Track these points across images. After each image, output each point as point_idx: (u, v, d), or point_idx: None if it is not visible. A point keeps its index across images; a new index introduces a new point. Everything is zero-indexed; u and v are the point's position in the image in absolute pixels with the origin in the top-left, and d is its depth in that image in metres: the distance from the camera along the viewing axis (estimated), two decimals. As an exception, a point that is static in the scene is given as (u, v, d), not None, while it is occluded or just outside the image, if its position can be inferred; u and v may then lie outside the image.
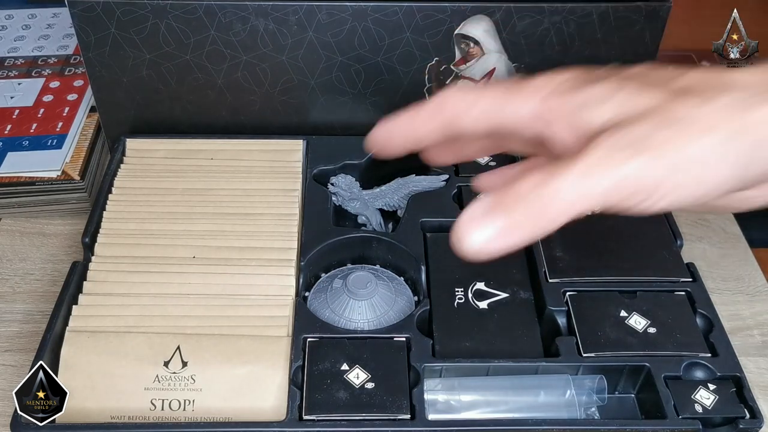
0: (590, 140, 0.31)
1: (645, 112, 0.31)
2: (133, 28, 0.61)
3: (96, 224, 0.57)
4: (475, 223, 0.32)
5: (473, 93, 0.36)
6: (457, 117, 0.36)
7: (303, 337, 0.51)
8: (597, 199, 0.31)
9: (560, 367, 0.50)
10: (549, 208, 0.31)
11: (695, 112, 0.31)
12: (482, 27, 0.62)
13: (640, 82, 0.33)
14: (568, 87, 0.34)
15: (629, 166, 0.30)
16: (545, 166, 0.31)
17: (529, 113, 0.34)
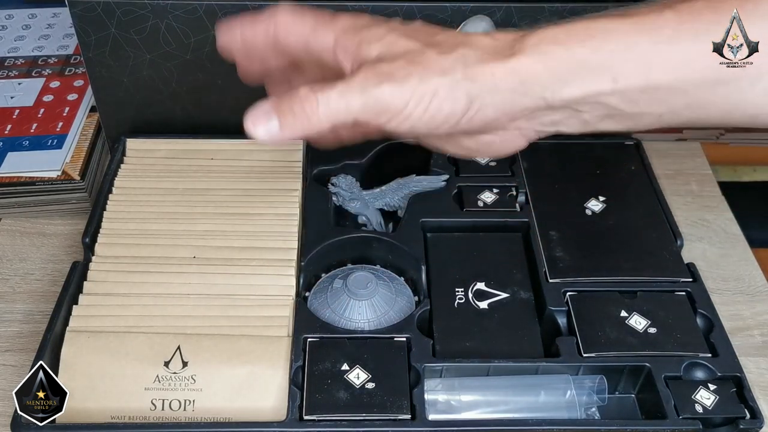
0: (357, 69, 0.41)
1: (401, 53, 0.41)
2: (134, 28, 0.61)
3: (96, 224, 0.57)
4: (258, 120, 0.41)
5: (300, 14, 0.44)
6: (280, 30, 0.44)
7: (303, 337, 0.51)
8: (352, 112, 0.40)
9: (560, 367, 0.50)
10: (313, 115, 0.40)
11: (436, 58, 0.40)
12: (482, 27, 0.62)
13: (408, 32, 0.42)
14: (359, 26, 0.43)
15: (378, 90, 0.40)
16: (318, 83, 0.40)
17: (330, 43, 0.43)
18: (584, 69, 0.40)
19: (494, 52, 0.40)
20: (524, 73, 0.40)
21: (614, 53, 0.40)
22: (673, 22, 0.39)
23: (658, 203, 0.61)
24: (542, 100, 0.41)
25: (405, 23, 0.44)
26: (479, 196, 0.61)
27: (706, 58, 0.39)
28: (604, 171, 0.64)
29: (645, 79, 0.40)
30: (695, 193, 0.72)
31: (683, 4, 0.40)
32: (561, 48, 0.40)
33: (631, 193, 0.62)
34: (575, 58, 0.40)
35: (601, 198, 0.61)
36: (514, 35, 0.41)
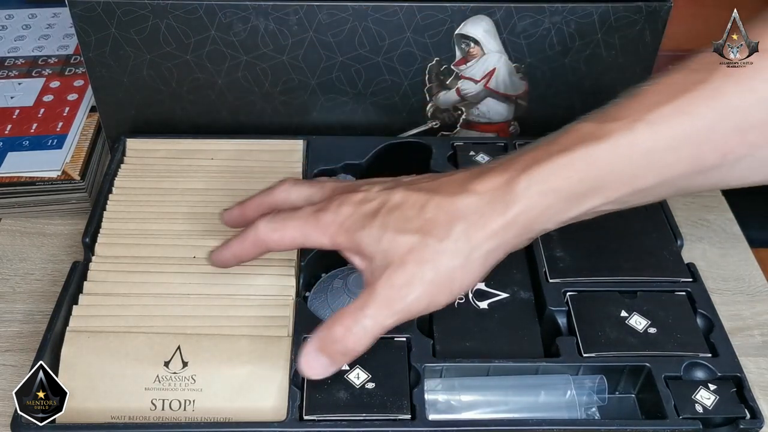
0: (372, 285, 0.43)
1: (405, 253, 0.43)
2: (134, 28, 0.61)
3: (96, 224, 0.57)
4: (311, 365, 0.45)
5: (280, 225, 0.46)
6: (271, 246, 0.47)
7: (303, 337, 0.51)
8: (387, 328, 0.44)
9: (560, 367, 0.50)
10: (356, 347, 0.44)
11: (440, 247, 0.43)
12: (483, 27, 0.62)
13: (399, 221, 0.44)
14: (349, 227, 0.44)
15: (404, 305, 0.43)
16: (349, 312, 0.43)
17: (327, 245, 0.46)
18: (577, 198, 0.43)
19: (491, 210, 0.42)
20: (524, 221, 0.43)
21: (599, 179, 0.42)
22: (647, 136, 0.41)
23: (658, 203, 0.61)
24: (543, 230, 0.45)
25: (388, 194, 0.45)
26: None
27: (685, 159, 0.42)
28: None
29: (631, 188, 0.43)
30: (695, 193, 0.72)
31: (653, 113, 0.41)
32: (551, 187, 0.42)
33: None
34: (567, 193, 0.43)
35: (601, 198, 0.61)
36: (497, 180, 0.43)
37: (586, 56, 0.64)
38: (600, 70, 0.65)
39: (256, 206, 0.51)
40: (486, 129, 0.69)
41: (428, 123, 0.69)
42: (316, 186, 0.50)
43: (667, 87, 0.42)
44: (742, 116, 0.40)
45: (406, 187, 0.45)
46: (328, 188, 0.49)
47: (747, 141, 0.41)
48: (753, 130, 0.41)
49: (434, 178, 0.46)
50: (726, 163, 0.42)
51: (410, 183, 0.46)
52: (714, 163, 0.42)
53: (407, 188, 0.45)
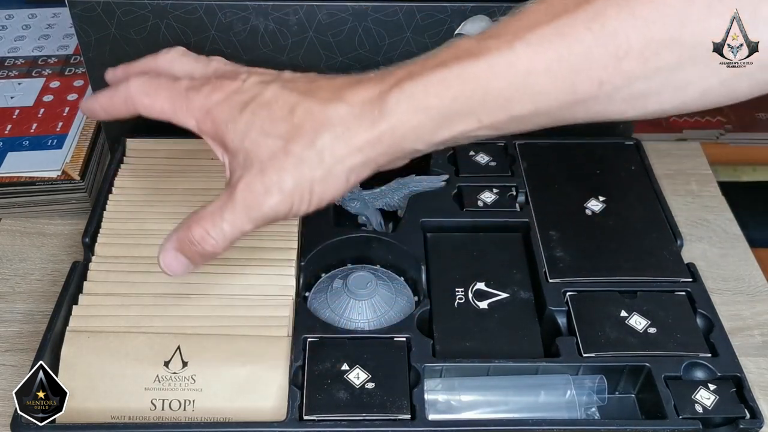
0: (232, 188, 0.42)
1: (267, 157, 0.42)
2: (134, 28, 0.61)
3: (96, 224, 0.57)
4: (170, 261, 0.44)
5: (153, 91, 0.45)
6: (139, 108, 0.46)
7: (303, 337, 0.51)
8: (247, 231, 0.43)
9: (560, 367, 0.50)
10: (215, 248, 0.44)
11: (304, 154, 0.41)
12: (482, 27, 0.62)
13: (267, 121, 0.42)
14: (219, 119, 0.43)
15: (262, 209, 0.42)
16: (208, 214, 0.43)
17: (193, 128, 0.45)
18: (448, 118, 0.41)
19: (358, 123, 0.41)
20: (391, 139, 0.41)
21: (473, 99, 0.40)
22: (525, 56, 0.40)
23: (658, 203, 0.61)
24: (413, 151, 0.43)
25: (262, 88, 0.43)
26: (479, 196, 0.61)
27: (561, 86, 0.40)
28: (604, 171, 0.64)
29: (507, 113, 0.41)
30: (695, 193, 0.72)
31: (533, 33, 0.40)
32: (422, 104, 0.41)
33: (631, 193, 0.62)
34: (439, 111, 0.41)
35: (601, 198, 0.61)
36: (370, 92, 0.41)
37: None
38: None
39: (141, 68, 0.48)
40: (486, 129, 0.69)
41: (428, 123, 0.68)
42: (201, 62, 0.47)
43: (551, 6, 0.40)
44: (620, 41, 0.39)
45: (283, 84, 0.43)
46: (211, 68, 0.47)
47: (622, 70, 0.39)
48: (629, 59, 0.39)
49: (313, 79, 0.44)
50: (602, 93, 0.40)
51: (289, 80, 0.44)
52: (590, 92, 0.40)
53: (283, 86, 0.43)
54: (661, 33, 0.39)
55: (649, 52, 0.39)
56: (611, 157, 0.65)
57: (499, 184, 0.62)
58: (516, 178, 0.62)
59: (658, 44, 0.39)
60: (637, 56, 0.39)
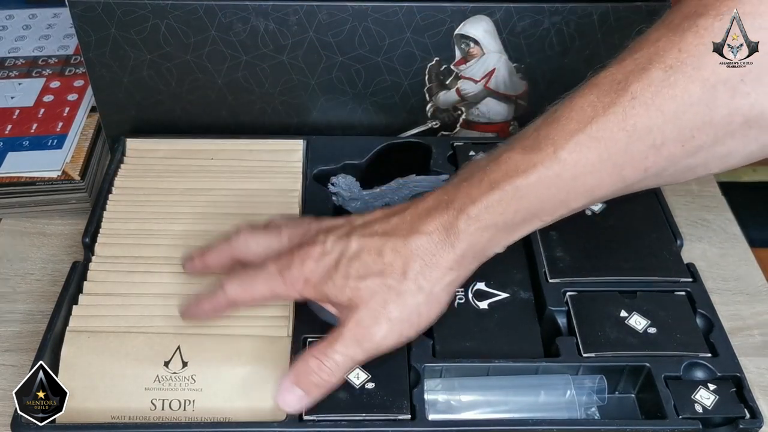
0: (341, 325, 0.46)
1: (369, 297, 0.46)
2: (134, 28, 0.61)
3: (96, 224, 0.57)
4: (288, 398, 0.46)
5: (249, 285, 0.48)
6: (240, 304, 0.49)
7: (303, 337, 0.51)
8: (358, 362, 0.47)
9: (560, 367, 0.50)
10: (330, 379, 0.46)
11: (401, 287, 0.46)
12: (482, 27, 0.62)
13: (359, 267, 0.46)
14: (315, 281, 0.47)
15: (373, 341, 0.46)
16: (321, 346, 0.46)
17: (297, 299, 0.49)
18: (514, 227, 0.46)
19: (440, 250, 0.46)
20: (472, 254, 0.47)
21: (532, 208, 0.45)
22: (570, 166, 0.43)
23: (658, 203, 0.61)
24: (494, 253, 0.48)
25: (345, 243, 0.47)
26: None
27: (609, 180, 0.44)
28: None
29: (566, 209, 0.46)
30: (695, 193, 0.72)
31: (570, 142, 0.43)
32: (488, 224, 0.45)
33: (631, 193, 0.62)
34: (504, 225, 0.46)
35: (601, 198, 0.61)
36: (442, 221, 0.46)
37: (586, 56, 0.64)
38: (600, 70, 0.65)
39: (217, 256, 0.52)
40: (486, 129, 0.69)
41: (428, 123, 0.69)
42: (273, 234, 0.51)
43: (581, 112, 0.43)
44: (654, 135, 0.42)
45: (361, 233, 0.47)
46: (285, 236, 0.51)
47: (663, 156, 0.43)
48: (666, 146, 0.42)
49: (385, 219, 0.48)
50: (650, 175, 0.44)
51: (363, 226, 0.48)
52: (636, 178, 0.44)
53: (362, 235, 0.47)
54: (692, 121, 0.42)
55: (684, 137, 0.42)
56: (611, 157, 0.65)
57: (499, 184, 0.62)
58: (516, 178, 0.62)
59: (692, 129, 0.42)
60: (674, 143, 0.42)
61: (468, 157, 0.64)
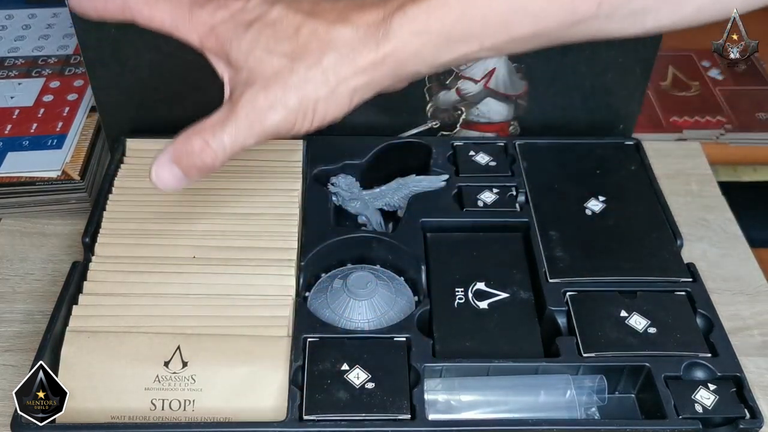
0: (234, 102, 0.42)
1: (272, 75, 0.42)
2: (134, 28, 0.61)
3: (96, 224, 0.57)
4: (163, 172, 0.43)
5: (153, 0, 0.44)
6: (137, 17, 0.45)
7: (303, 337, 0.51)
8: (247, 147, 0.43)
9: (560, 367, 0.50)
10: (213, 161, 0.43)
11: (308, 75, 0.42)
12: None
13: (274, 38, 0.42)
14: (223, 33, 0.43)
15: (264, 124, 0.42)
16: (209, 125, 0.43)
17: (195, 44, 0.45)
18: (450, 41, 0.42)
19: (363, 45, 0.42)
20: (394, 61, 0.42)
21: (474, 22, 0.41)
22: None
23: (658, 203, 0.61)
24: (415, 73, 0.44)
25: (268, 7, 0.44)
26: (479, 196, 0.61)
27: (560, 6, 0.41)
28: (604, 171, 0.64)
29: (508, 35, 0.42)
30: (695, 193, 0.72)
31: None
32: (424, 28, 0.41)
33: (631, 193, 0.62)
34: (441, 35, 0.42)
35: (601, 198, 0.61)
36: (375, 15, 0.42)
37: (586, 56, 0.64)
38: (600, 70, 0.65)
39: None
40: (486, 129, 0.69)
41: (428, 123, 0.69)
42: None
43: None
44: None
45: (287, 4, 0.44)
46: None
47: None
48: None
49: (317, 2, 0.44)
50: (601, 12, 0.41)
51: (293, 1, 0.44)
52: (589, 11, 0.41)
53: (288, 6, 0.44)
54: None
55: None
56: (611, 157, 0.65)
57: (499, 184, 0.62)
58: (516, 178, 0.62)
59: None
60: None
61: (468, 157, 0.64)
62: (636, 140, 0.67)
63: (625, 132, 0.70)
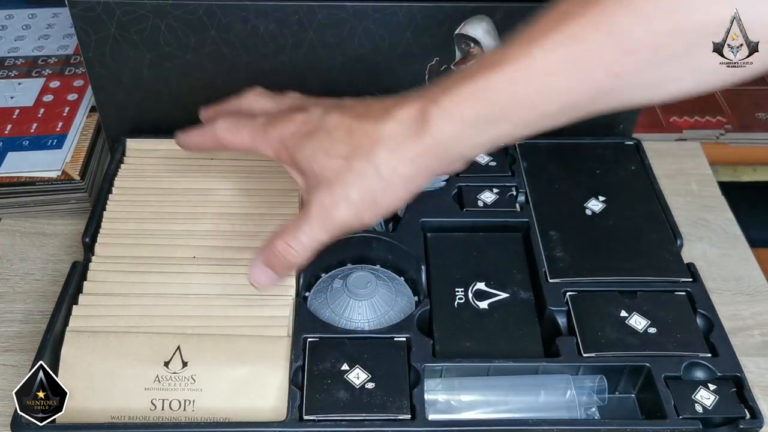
0: (306, 205, 0.48)
1: (334, 174, 0.46)
2: (134, 28, 0.61)
3: (96, 224, 0.57)
4: (259, 277, 0.50)
5: (235, 129, 0.51)
6: (225, 145, 0.52)
7: (303, 337, 0.51)
8: (323, 242, 0.48)
9: (560, 367, 0.50)
10: (296, 259, 0.48)
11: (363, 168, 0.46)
12: (483, 27, 0.62)
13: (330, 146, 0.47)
14: (290, 144, 0.48)
15: (334, 222, 0.47)
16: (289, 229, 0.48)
17: (271, 157, 0.50)
18: (483, 125, 0.45)
19: (407, 138, 0.45)
20: (438, 148, 0.45)
21: (502, 105, 0.44)
22: (542, 62, 0.43)
23: (658, 203, 0.61)
24: (461, 156, 0.47)
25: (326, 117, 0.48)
26: (479, 196, 0.61)
27: (580, 83, 0.43)
28: (604, 171, 0.64)
29: (536, 114, 0.44)
30: (695, 193, 0.72)
31: (547, 39, 0.43)
32: (457, 117, 0.44)
33: (631, 193, 0.62)
34: (474, 121, 0.45)
35: (601, 198, 0.61)
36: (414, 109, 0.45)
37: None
38: None
39: (227, 109, 0.55)
40: (486, 129, 0.69)
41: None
42: (277, 99, 0.54)
43: (561, 13, 0.43)
44: (627, 37, 0.42)
45: (342, 111, 0.48)
46: (285, 104, 0.53)
47: (635, 61, 0.42)
48: (639, 51, 0.42)
49: (368, 104, 0.48)
50: (622, 84, 0.43)
51: (348, 107, 0.49)
52: (609, 85, 0.43)
53: (342, 112, 0.48)
54: (666, 25, 0.41)
55: (658, 43, 0.41)
56: (611, 157, 0.65)
57: (499, 184, 0.62)
58: (516, 178, 0.62)
59: (666, 35, 0.41)
60: (646, 48, 0.42)
61: (468, 157, 0.64)
62: (636, 140, 0.67)
63: (625, 132, 0.70)
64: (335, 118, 0.48)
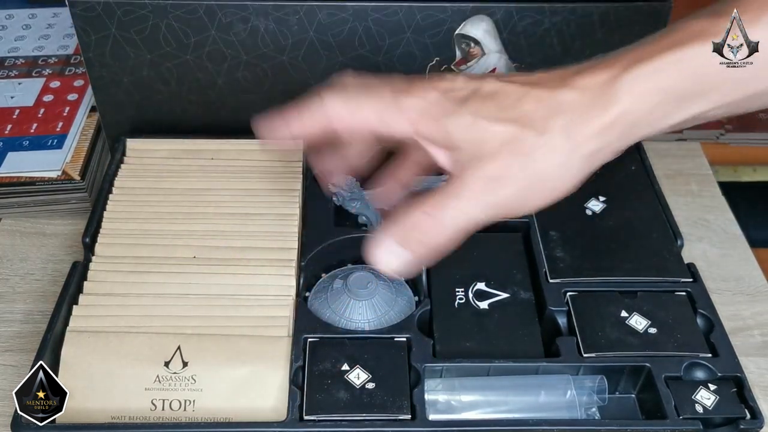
0: (460, 175, 0.39)
1: (499, 145, 0.39)
2: (134, 28, 0.61)
3: (96, 224, 0.57)
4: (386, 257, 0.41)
5: (354, 101, 0.41)
6: (336, 125, 0.42)
7: (303, 337, 0.51)
8: (474, 222, 0.40)
9: (561, 368, 0.50)
10: (440, 234, 0.40)
11: (539, 141, 0.39)
12: (483, 27, 0.62)
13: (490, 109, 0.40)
14: (435, 113, 0.40)
15: (495, 198, 0.39)
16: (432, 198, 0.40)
17: (404, 135, 0.41)
18: (683, 100, 0.39)
19: (590, 109, 0.39)
20: (626, 122, 0.39)
21: (709, 79, 0.39)
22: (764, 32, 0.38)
23: (658, 203, 0.61)
24: (642, 136, 0.41)
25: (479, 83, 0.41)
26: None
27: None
28: (604, 171, 0.63)
29: (746, 91, 0.39)
30: (695, 193, 0.72)
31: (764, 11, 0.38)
32: (656, 87, 0.39)
33: (631, 193, 0.62)
34: (674, 94, 0.39)
35: (601, 198, 0.61)
36: (600, 77, 0.40)
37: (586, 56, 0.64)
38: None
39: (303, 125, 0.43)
40: (486, 129, 0.69)
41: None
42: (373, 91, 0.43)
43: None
44: None
45: (498, 78, 0.41)
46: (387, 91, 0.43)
47: None
48: None
49: (529, 74, 0.42)
50: None
51: (501, 77, 0.42)
52: None
53: (499, 80, 0.41)
54: None
55: None
56: (611, 157, 0.65)
57: (499, 184, 0.62)
58: (516, 178, 0.62)
59: None
60: None
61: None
62: (636, 140, 0.67)
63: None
64: (494, 84, 0.41)
